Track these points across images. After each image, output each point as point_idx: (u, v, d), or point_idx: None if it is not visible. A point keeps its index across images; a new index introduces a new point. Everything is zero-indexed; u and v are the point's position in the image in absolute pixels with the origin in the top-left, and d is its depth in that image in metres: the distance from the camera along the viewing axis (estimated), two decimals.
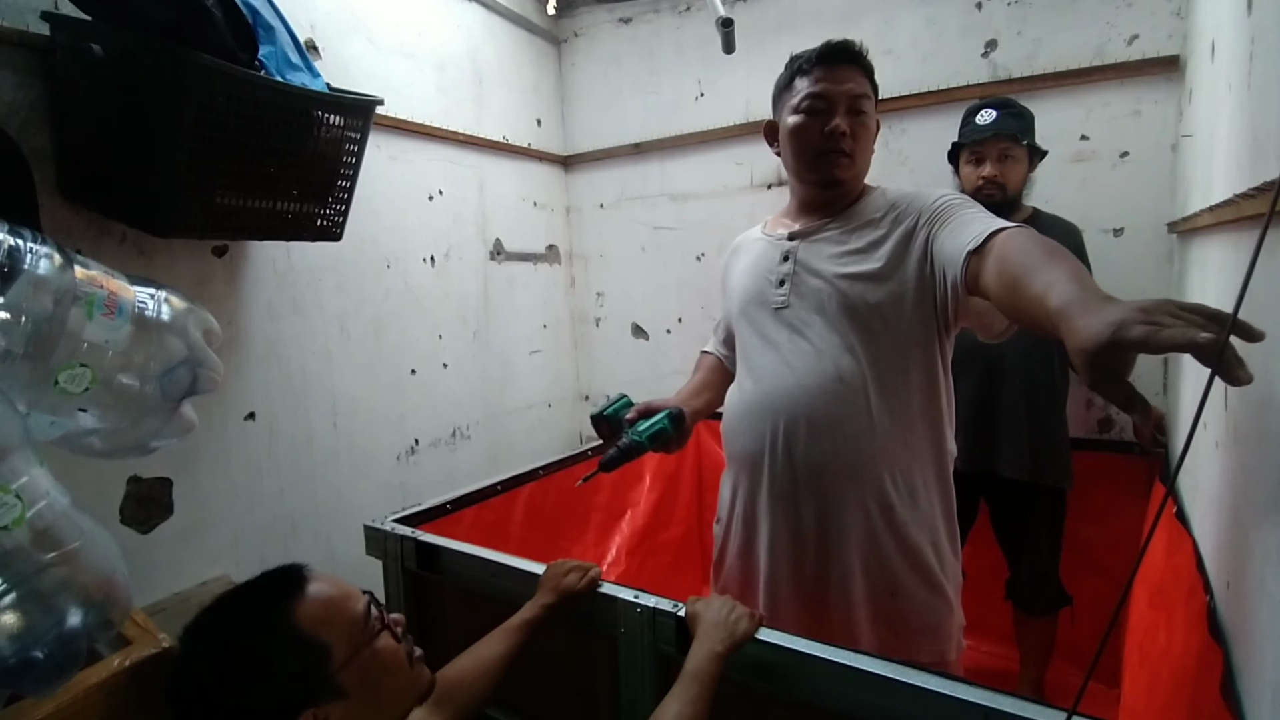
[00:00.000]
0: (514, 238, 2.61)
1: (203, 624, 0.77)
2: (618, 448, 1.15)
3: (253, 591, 0.79)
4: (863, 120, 1.15)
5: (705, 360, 1.42)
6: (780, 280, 1.19)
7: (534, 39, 2.73)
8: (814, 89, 1.14)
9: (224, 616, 0.77)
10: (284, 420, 1.78)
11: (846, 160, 1.15)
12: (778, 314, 1.18)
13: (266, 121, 1.32)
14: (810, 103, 1.14)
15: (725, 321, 1.37)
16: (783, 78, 1.22)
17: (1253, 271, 0.51)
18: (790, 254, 1.20)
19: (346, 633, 0.75)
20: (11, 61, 1.26)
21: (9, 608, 0.79)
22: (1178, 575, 1.08)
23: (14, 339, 0.85)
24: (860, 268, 1.12)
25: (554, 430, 2.81)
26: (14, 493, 0.81)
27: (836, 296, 1.12)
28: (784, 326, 1.17)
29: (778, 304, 1.18)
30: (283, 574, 0.80)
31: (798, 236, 1.21)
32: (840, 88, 1.14)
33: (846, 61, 1.15)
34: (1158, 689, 1.03)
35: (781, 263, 1.20)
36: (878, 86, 1.20)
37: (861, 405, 1.10)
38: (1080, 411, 2.03)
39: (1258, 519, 0.69)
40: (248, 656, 0.73)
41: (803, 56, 1.18)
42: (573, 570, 1.12)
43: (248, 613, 0.76)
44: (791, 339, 1.16)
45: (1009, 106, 1.68)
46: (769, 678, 0.95)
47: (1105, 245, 1.95)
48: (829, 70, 1.14)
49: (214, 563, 1.62)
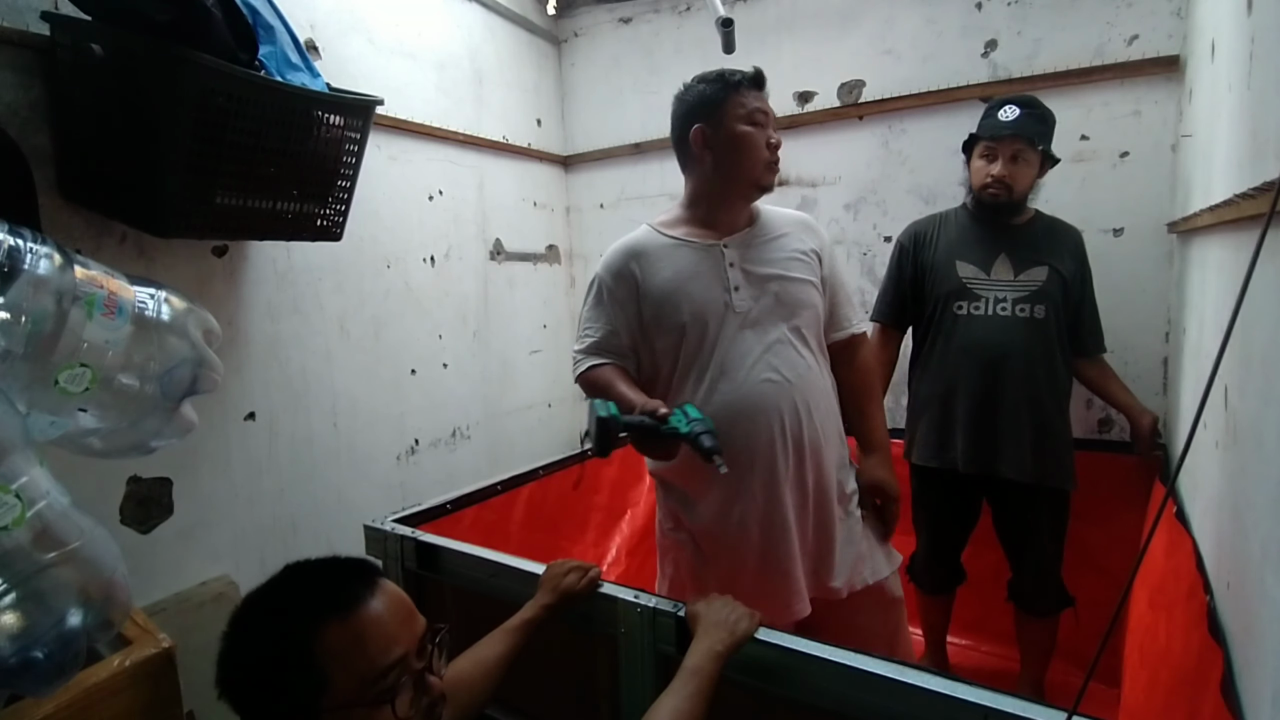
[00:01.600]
0: (514, 238, 2.61)
1: (257, 596, 0.73)
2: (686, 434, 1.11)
3: (306, 582, 0.74)
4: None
5: (612, 372, 1.31)
6: (736, 285, 1.28)
7: (534, 39, 2.73)
8: (759, 104, 1.29)
9: (274, 594, 0.73)
10: (284, 420, 1.78)
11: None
12: (740, 316, 1.27)
13: (266, 121, 1.32)
14: (760, 116, 1.28)
15: (625, 330, 1.33)
16: (717, 91, 1.29)
17: (1253, 271, 0.51)
18: (733, 260, 1.30)
19: (357, 678, 0.68)
20: (11, 61, 1.26)
21: (9, 608, 0.79)
22: (1178, 575, 1.08)
23: (14, 339, 0.85)
24: (798, 273, 1.31)
25: (554, 430, 2.81)
26: (14, 493, 0.81)
27: (787, 296, 1.29)
28: (748, 328, 1.27)
29: (740, 307, 1.27)
30: (350, 574, 0.74)
31: (733, 244, 1.32)
32: (769, 109, 1.31)
33: (765, 88, 1.32)
34: (1158, 689, 1.03)
35: (729, 268, 1.29)
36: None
37: (829, 386, 1.36)
38: (1080, 412, 2.02)
39: (1258, 519, 0.69)
40: (256, 647, 0.70)
41: (742, 74, 1.30)
42: (573, 570, 1.12)
43: (284, 603, 0.72)
44: (759, 337, 1.26)
45: (1034, 107, 1.65)
46: (769, 678, 0.95)
47: (1105, 245, 1.95)
48: (762, 91, 1.31)
49: (214, 563, 1.62)
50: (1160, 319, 1.92)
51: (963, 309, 1.72)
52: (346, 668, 0.67)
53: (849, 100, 2.29)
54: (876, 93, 2.24)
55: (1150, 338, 1.93)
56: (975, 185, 1.71)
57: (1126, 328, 1.93)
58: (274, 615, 0.71)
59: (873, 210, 2.30)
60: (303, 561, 0.76)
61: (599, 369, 1.32)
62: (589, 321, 1.37)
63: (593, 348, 1.35)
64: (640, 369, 1.35)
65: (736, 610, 0.96)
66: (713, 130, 1.29)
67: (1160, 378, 1.94)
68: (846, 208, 2.34)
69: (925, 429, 1.81)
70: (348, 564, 0.77)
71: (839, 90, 2.30)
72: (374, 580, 0.74)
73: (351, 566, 0.76)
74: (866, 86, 2.26)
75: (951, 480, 1.78)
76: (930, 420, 1.79)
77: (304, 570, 0.76)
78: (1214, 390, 0.52)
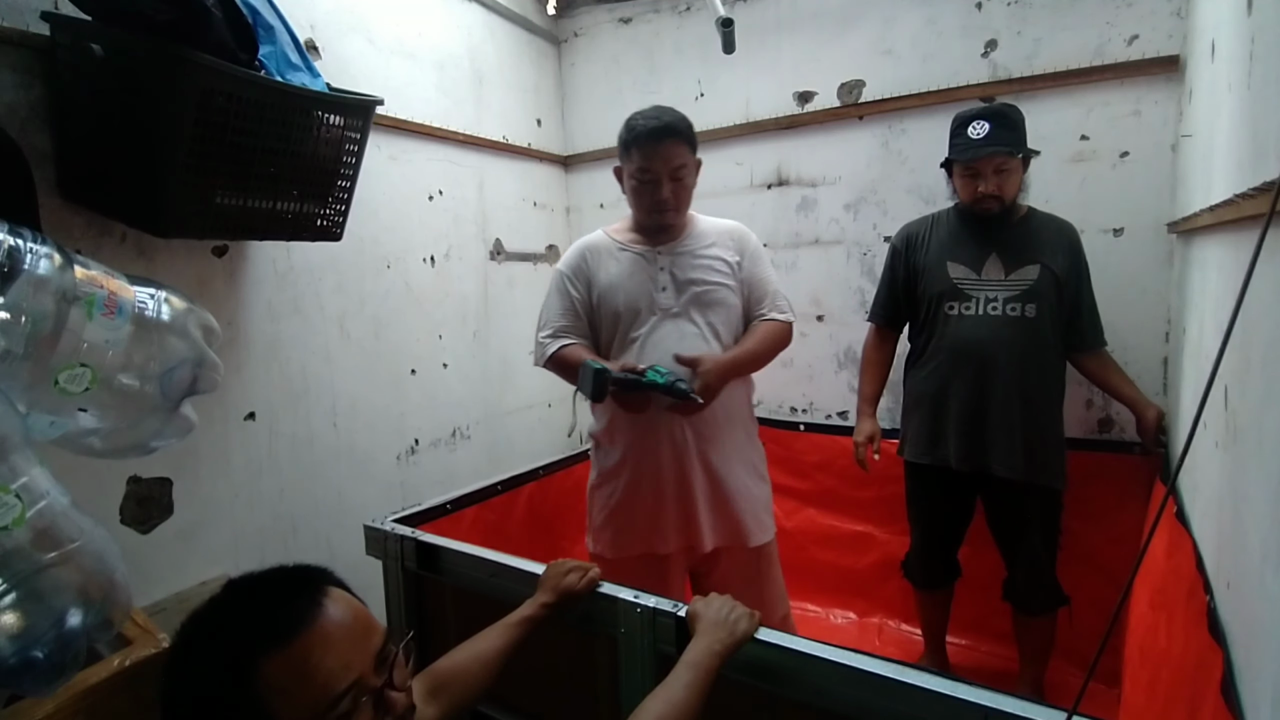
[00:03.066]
0: (514, 238, 2.61)
1: (197, 621, 0.67)
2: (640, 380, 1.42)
3: (244, 607, 0.67)
4: (683, 182, 1.54)
5: (580, 349, 1.58)
6: (663, 286, 1.56)
7: (534, 39, 2.73)
8: (644, 164, 1.50)
9: (212, 621, 0.67)
10: (284, 420, 1.78)
11: (672, 213, 1.56)
12: (664, 310, 1.55)
13: (266, 121, 1.32)
14: (641, 175, 1.52)
15: (583, 312, 1.62)
16: (623, 142, 1.54)
17: (1253, 271, 0.51)
18: (665, 266, 1.57)
19: (307, 710, 0.62)
20: (11, 61, 1.26)
21: (9, 608, 0.79)
22: (1178, 575, 1.08)
23: (14, 339, 0.85)
24: (716, 279, 1.58)
25: (554, 430, 2.81)
26: (14, 493, 0.81)
27: (705, 297, 1.56)
28: (669, 320, 1.55)
29: (663, 304, 1.55)
30: (293, 590, 0.68)
31: (665, 252, 1.58)
32: (665, 166, 1.50)
33: (670, 137, 1.48)
34: (1158, 689, 1.03)
35: (659, 272, 1.57)
36: (696, 143, 1.55)
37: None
38: (1080, 412, 2.03)
39: (1258, 519, 0.69)
40: (194, 684, 0.63)
41: (640, 129, 1.49)
42: (573, 570, 1.12)
43: (221, 631, 0.65)
44: (677, 328, 1.55)
45: (1000, 117, 1.65)
46: (769, 678, 0.95)
47: (1105, 245, 1.95)
48: (655, 146, 1.48)
49: (214, 563, 1.62)
50: (1160, 319, 1.92)
51: (954, 309, 1.75)
52: (292, 701, 0.61)
53: (849, 100, 2.29)
54: (876, 93, 2.24)
55: (1150, 338, 1.93)
56: (966, 200, 1.73)
57: (1126, 328, 1.93)
58: (212, 647, 0.64)
59: (873, 210, 2.30)
60: (244, 577, 0.70)
61: (568, 348, 1.57)
62: (552, 309, 1.63)
63: (559, 331, 1.60)
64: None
65: (736, 610, 0.96)
66: (623, 172, 1.58)
67: (1160, 378, 1.94)
68: (846, 208, 2.34)
69: (917, 427, 1.84)
70: (291, 577, 0.70)
71: (839, 90, 2.30)
72: (318, 596, 0.67)
73: (295, 580, 0.69)
74: (866, 86, 2.26)
75: (944, 477, 1.80)
76: (922, 418, 1.82)
77: (243, 590, 0.69)
78: (1214, 390, 0.52)
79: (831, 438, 2.31)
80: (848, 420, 2.40)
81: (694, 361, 1.46)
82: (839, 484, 2.30)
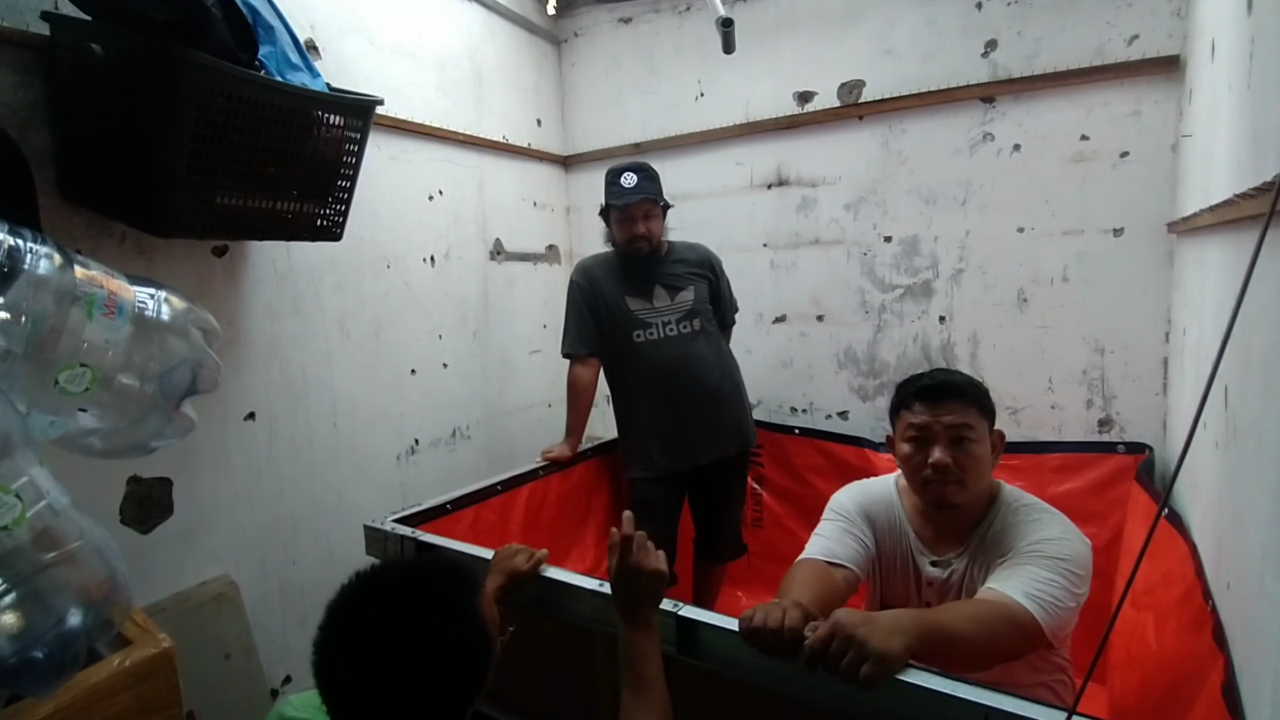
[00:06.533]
0: (514, 238, 2.61)
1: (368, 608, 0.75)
2: None
3: (431, 575, 0.80)
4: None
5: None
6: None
7: (534, 39, 2.73)
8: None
9: (397, 599, 0.76)
10: (284, 420, 1.78)
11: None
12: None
13: (266, 121, 1.31)
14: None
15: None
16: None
17: (1253, 271, 0.51)
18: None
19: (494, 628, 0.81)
20: (11, 61, 1.26)
21: (9, 608, 0.79)
22: (1168, 576, 1.08)
23: (14, 339, 0.85)
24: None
25: (554, 430, 2.80)
26: (14, 493, 0.81)
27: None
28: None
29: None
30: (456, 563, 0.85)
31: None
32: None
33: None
34: (1151, 689, 1.03)
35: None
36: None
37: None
38: (1080, 412, 2.03)
39: (1258, 519, 0.69)
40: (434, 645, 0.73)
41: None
42: (519, 553, 1.20)
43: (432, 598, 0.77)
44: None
45: (645, 171, 1.95)
46: (769, 677, 0.95)
47: (1105, 245, 1.95)
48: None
49: (214, 563, 1.62)
50: (1160, 319, 1.92)
51: (640, 336, 2.01)
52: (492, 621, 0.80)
53: (849, 100, 2.29)
54: (876, 93, 2.24)
55: (1150, 338, 1.93)
56: (622, 241, 1.99)
57: (1126, 328, 1.93)
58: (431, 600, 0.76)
59: (873, 210, 2.30)
60: (387, 564, 0.88)
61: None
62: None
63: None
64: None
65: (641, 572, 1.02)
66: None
67: (1160, 378, 1.94)
68: (846, 208, 2.34)
69: (635, 445, 2.06)
70: (436, 561, 0.89)
71: (839, 90, 2.30)
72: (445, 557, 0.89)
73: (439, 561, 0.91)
74: (866, 86, 2.26)
75: (666, 483, 2.04)
76: (638, 438, 2.05)
77: (415, 568, 0.86)
78: (1214, 390, 0.52)
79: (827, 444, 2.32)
80: (848, 420, 2.41)
81: None
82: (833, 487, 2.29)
